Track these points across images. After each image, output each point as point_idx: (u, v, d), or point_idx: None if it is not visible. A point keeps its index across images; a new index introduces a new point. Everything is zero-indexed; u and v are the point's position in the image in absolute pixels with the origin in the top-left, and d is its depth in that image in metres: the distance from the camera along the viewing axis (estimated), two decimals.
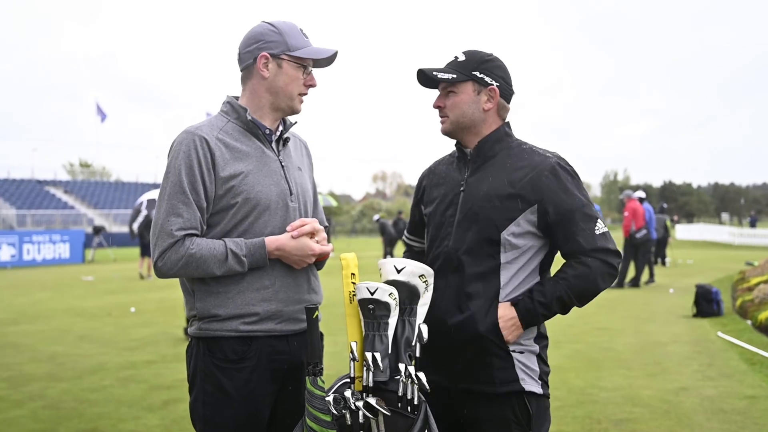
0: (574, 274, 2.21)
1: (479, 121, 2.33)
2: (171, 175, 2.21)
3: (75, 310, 11.36)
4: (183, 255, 2.16)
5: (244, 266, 2.20)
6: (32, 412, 5.27)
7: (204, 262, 2.17)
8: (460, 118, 2.32)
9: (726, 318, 9.47)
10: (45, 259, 24.16)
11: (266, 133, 2.34)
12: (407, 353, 2.12)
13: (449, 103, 2.32)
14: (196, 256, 2.16)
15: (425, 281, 2.19)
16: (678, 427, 4.73)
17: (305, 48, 2.30)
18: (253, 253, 2.20)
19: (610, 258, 2.23)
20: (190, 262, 2.17)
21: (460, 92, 2.31)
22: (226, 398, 2.22)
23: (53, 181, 49.53)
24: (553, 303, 2.20)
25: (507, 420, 2.22)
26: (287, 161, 2.39)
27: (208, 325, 2.25)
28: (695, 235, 40.23)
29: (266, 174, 2.29)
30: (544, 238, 2.28)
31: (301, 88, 2.33)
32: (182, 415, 5.12)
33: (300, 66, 2.31)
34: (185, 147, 2.21)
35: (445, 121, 2.35)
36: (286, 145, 2.42)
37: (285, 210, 2.32)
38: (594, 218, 2.25)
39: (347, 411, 2.05)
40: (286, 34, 2.29)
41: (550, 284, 2.23)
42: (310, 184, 2.51)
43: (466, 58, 2.32)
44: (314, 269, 2.43)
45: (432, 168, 2.54)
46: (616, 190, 78.59)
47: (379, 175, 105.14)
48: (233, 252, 2.18)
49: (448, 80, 2.29)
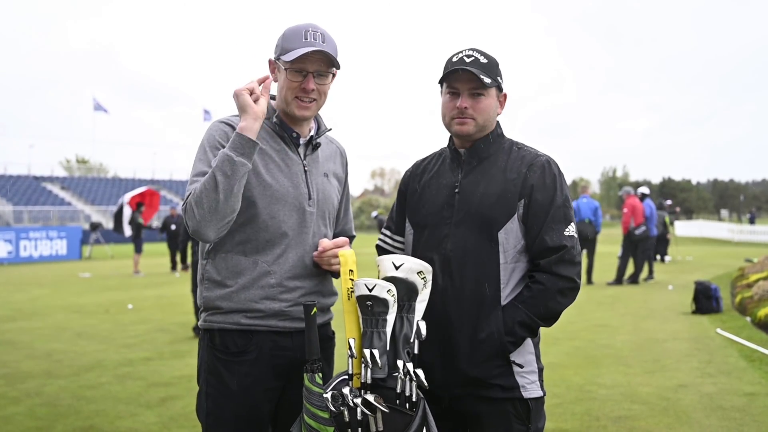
0: (530, 296, 2.20)
1: (491, 125, 2.33)
2: (198, 153, 2.27)
3: (72, 307, 11.35)
4: (190, 200, 2.13)
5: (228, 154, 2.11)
6: (29, 410, 5.25)
7: (202, 187, 2.11)
8: (486, 122, 2.31)
9: (725, 315, 9.47)
10: (42, 256, 24.15)
11: (293, 136, 2.34)
12: (405, 350, 2.11)
13: (478, 106, 2.28)
14: (197, 190, 2.13)
15: (423, 278, 2.17)
16: (677, 424, 4.72)
17: (292, 51, 2.23)
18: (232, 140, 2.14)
19: (566, 270, 2.19)
20: (197, 198, 2.11)
21: (489, 96, 2.29)
22: (227, 391, 2.22)
23: (50, 178, 49.52)
24: (515, 329, 2.18)
25: (507, 415, 2.22)
26: (312, 166, 2.38)
27: (212, 317, 2.27)
28: (694, 232, 40.27)
29: (286, 175, 2.30)
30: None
31: (296, 92, 2.27)
32: (180, 412, 5.10)
33: (294, 71, 2.26)
34: (212, 131, 2.29)
35: (470, 123, 2.29)
36: (315, 151, 2.40)
37: (301, 213, 2.30)
38: (568, 220, 2.24)
39: (345, 408, 2.04)
40: (286, 37, 2.27)
41: (509, 312, 2.20)
42: (336, 193, 2.47)
43: (488, 60, 2.29)
44: (327, 275, 2.40)
45: (418, 168, 2.51)
46: (615, 186, 78.75)
47: (377, 171, 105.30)
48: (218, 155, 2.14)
49: (488, 85, 2.25)
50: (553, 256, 2.20)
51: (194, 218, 2.12)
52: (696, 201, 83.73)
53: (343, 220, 2.58)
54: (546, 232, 2.21)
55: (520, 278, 2.26)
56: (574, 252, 2.22)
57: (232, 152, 2.11)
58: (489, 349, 2.19)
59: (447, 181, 2.35)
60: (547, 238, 2.20)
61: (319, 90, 2.29)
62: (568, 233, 2.22)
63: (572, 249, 2.21)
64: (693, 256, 22.16)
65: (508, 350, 2.19)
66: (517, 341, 2.20)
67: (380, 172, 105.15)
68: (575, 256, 2.22)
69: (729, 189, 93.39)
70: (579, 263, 2.24)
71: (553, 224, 2.21)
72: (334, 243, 2.31)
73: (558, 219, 2.22)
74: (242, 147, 2.12)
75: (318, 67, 2.26)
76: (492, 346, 2.18)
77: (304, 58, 2.22)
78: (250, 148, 2.13)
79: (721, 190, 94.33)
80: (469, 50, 2.31)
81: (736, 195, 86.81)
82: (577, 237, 2.28)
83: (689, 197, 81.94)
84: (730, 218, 77.61)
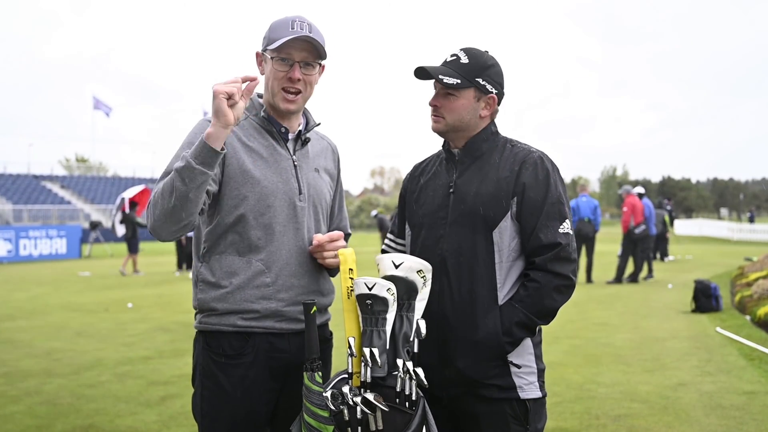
0: (527, 294, 2.19)
1: (473, 126, 2.31)
2: (177, 150, 2.21)
3: (72, 305, 11.34)
4: (151, 200, 2.10)
5: (186, 159, 2.01)
6: (29, 408, 5.25)
7: (162, 187, 2.06)
8: (456, 123, 2.29)
9: (725, 313, 9.47)
10: (41, 255, 24.13)
11: (281, 132, 2.31)
12: (405, 349, 2.11)
13: (448, 105, 2.28)
14: (157, 190, 2.09)
15: (423, 277, 2.17)
16: (676, 423, 4.72)
17: (279, 39, 2.19)
18: (195, 146, 2.03)
19: (562, 267, 2.19)
20: (155, 198, 2.07)
21: (461, 97, 2.27)
22: (223, 393, 2.20)
23: (50, 176, 49.47)
24: (513, 330, 2.17)
25: (505, 416, 2.22)
26: (302, 161, 2.35)
27: (207, 318, 2.25)
28: (694, 231, 40.26)
29: (275, 171, 2.26)
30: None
31: (282, 82, 2.23)
32: (179, 411, 5.10)
33: (280, 59, 2.22)
34: (196, 127, 2.26)
35: (440, 122, 2.30)
36: (305, 146, 2.38)
37: (292, 208, 2.28)
38: (563, 217, 2.23)
39: (345, 406, 2.04)
40: (273, 28, 2.24)
41: (507, 311, 2.19)
42: (328, 188, 2.44)
43: (470, 61, 2.27)
44: (323, 272, 2.39)
45: (417, 170, 2.51)
46: (614, 185, 78.70)
47: (377, 170, 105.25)
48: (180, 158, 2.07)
49: (453, 86, 2.24)
50: (549, 254, 2.18)
51: (151, 217, 2.10)
52: (696, 200, 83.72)
53: (337, 218, 2.55)
54: (540, 229, 2.20)
55: (517, 277, 2.26)
56: (570, 249, 2.21)
57: (192, 159, 2.00)
58: (487, 349, 2.18)
59: (442, 181, 2.35)
60: (542, 236, 2.19)
61: (306, 80, 2.25)
62: (562, 230, 2.21)
63: (567, 246, 2.20)
64: (692, 254, 22.16)
65: (506, 351, 2.19)
66: (515, 341, 2.19)
67: (380, 170, 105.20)
68: (571, 253, 2.21)
69: (729, 188, 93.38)
70: (575, 260, 2.23)
71: (547, 221, 2.20)
72: (329, 237, 2.29)
73: (552, 216, 2.21)
74: (204, 155, 2.00)
75: (305, 56, 2.22)
76: (490, 347, 2.18)
77: (290, 46, 2.18)
78: (212, 157, 2.01)
79: (721, 188, 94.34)
80: (459, 49, 2.31)
81: (736, 194, 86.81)
82: (573, 234, 2.26)
83: (689, 196, 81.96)
84: (730, 217, 77.59)
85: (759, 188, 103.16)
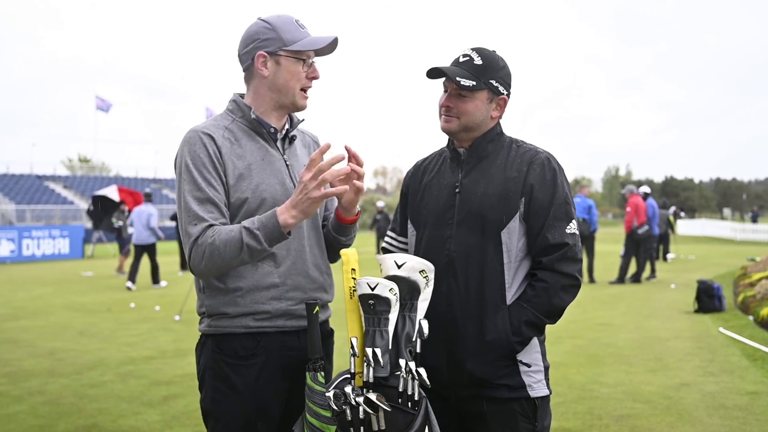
0: (535, 294, 2.21)
1: (483, 126, 2.32)
2: (184, 174, 2.19)
3: (74, 305, 11.35)
4: (205, 248, 2.12)
5: (259, 240, 2.09)
6: (32, 408, 5.26)
7: (224, 247, 2.10)
8: (470, 123, 2.29)
9: (727, 314, 9.46)
10: (44, 255, 24.14)
11: (271, 132, 2.31)
12: (408, 349, 2.11)
13: (461, 106, 2.27)
14: (215, 244, 2.11)
15: (426, 276, 2.17)
16: (679, 423, 4.72)
17: (302, 40, 2.24)
18: (266, 224, 2.10)
19: (568, 267, 2.21)
20: (213, 253, 2.11)
21: (475, 99, 2.27)
22: (236, 395, 2.20)
23: (52, 176, 49.53)
24: (522, 329, 2.19)
25: (514, 414, 2.22)
26: (293, 160, 2.36)
27: (218, 322, 2.23)
28: (697, 231, 40.20)
29: (270, 173, 2.27)
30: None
31: (303, 82, 2.27)
32: (182, 411, 5.11)
33: (299, 60, 2.25)
34: (193, 146, 2.20)
35: (453, 122, 2.30)
36: (292, 144, 2.39)
37: None
38: (569, 217, 2.25)
39: (347, 406, 2.04)
40: (280, 29, 2.25)
41: (515, 311, 2.20)
42: None
43: (483, 62, 2.27)
44: (327, 267, 2.39)
45: (419, 168, 2.51)
46: (617, 185, 78.64)
47: (379, 170, 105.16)
48: (246, 228, 2.11)
49: (469, 87, 2.24)
50: (556, 254, 2.20)
51: (199, 265, 2.14)
52: (699, 200, 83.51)
53: (330, 206, 2.53)
54: (548, 230, 2.21)
55: (524, 277, 2.27)
56: (576, 249, 2.23)
57: (266, 243, 2.10)
58: (496, 350, 2.19)
59: (448, 181, 2.35)
60: (549, 236, 2.21)
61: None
62: (569, 231, 2.23)
63: (574, 246, 2.23)
64: (695, 254, 22.13)
65: (515, 350, 2.20)
66: (524, 341, 2.20)
67: (382, 170, 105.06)
68: (577, 253, 2.24)
69: (732, 188, 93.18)
70: (580, 260, 2.26)
71: (554, 222, 2.22)
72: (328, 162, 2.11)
73: (559, 216, 2.23)
74: (275, 240, 2.12)
75: (312, 55, 2.30)
76: (499, 347, 2.18)
77: (311, 46, 2.25)
78: (279, 240, 2.13)
79: (724, 188, 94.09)
80: (470, 49, 2.31)
81: (739, 194, 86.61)
82: (579, 234, 2.28)
83: (692, 196, 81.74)
84: (733, 217, 77.44)
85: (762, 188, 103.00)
